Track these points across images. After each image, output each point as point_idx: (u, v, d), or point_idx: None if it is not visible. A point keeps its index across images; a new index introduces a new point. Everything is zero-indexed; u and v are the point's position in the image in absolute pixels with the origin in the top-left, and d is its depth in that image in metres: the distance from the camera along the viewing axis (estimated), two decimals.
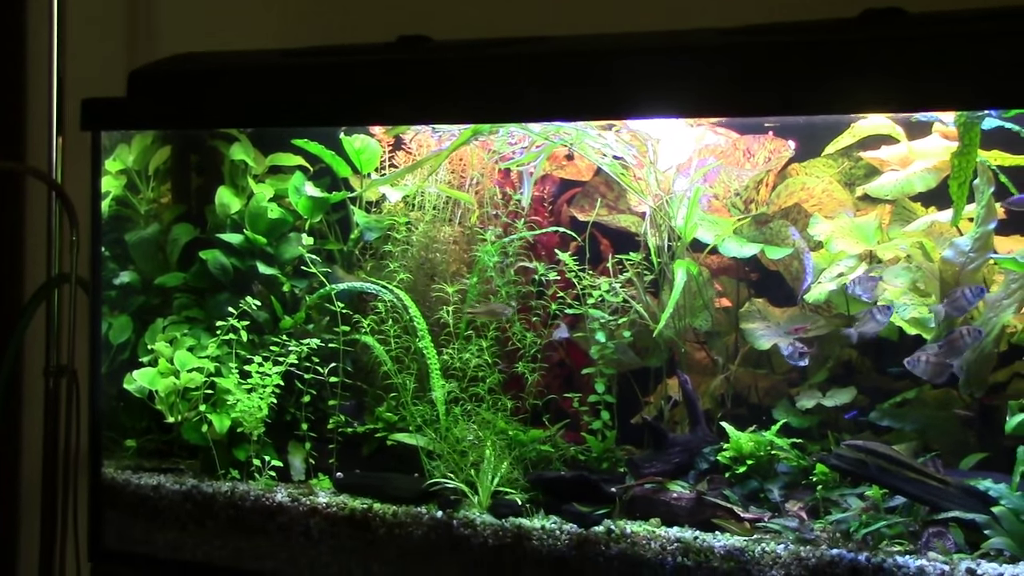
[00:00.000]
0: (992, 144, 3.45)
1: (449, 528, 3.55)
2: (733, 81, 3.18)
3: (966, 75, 2.94)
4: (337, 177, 4.17)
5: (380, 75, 3.61)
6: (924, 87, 2.99)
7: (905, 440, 3.57)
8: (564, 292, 3.88)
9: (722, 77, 3.20)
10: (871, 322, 3.50)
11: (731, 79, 3.18)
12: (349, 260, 4.18)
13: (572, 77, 3.36)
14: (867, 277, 3.56)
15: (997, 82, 2.90)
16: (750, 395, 3.90)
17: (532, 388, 3.87)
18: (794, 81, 3.11)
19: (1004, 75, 2.89)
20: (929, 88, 2.99)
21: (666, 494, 3.55)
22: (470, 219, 4.08)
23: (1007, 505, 3.17)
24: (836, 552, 3.19)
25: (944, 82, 2.96)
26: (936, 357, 3.41)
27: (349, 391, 4.00)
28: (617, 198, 4.03)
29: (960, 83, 2.95)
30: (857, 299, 3.61)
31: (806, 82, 3.10)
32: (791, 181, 3.88)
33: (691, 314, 3.90)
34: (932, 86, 2.98)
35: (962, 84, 2.94)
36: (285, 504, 3.74)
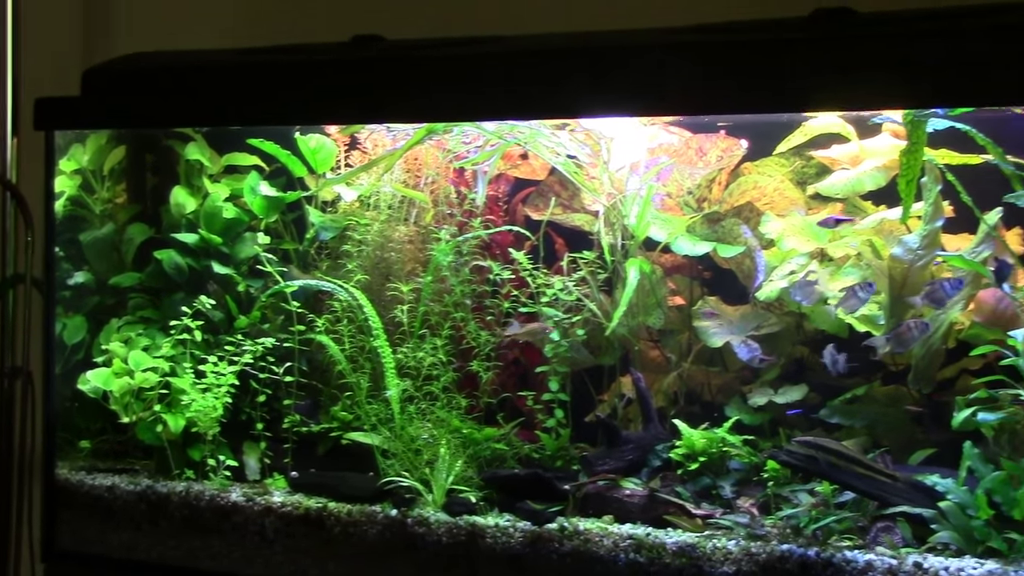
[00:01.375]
0: (942, 143, 3.49)
1: (403, 527, 3.56)
2: (685, 80, 3.20)
3: (914, 74, 2.96)
4: (292, 177, 4.17)
5: (335, 74, 3.61)
6: (873, 86, 3.01)
7: (855, 436, 3.60)
8: (518, 291, 3.88)
9: (674, 76, 3.21)
10: (853, 299, 3.50)
11: (683, 78, 3.20)
12: (304, 260, 4.18)
13: (525, 76, 3.37)
14: (805, 282, 3.59)
15: (944, 81, 2.93)
16: (703, 392, 3.92)
17: (486, 386, 3.88)
18: (745, 79, 3.13)
19: (950, 74, 2.91)
20: (877, 87, 3.01)
21: (619, 491, 3.57)
22: (425, 218, 4.09)
23: (954, 500, 3.21)
24: (786, 547, 3.21)
25: (892, 81, 2.99)
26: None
27: (304, 390, 4.00)
28: (571, 197, 4.05)
29: (907, 82, 2.97)
30: (798, 304, 3.65)
31: (757, 80, 3.12)
32: (743, 180, 3.90)
33: (644, 312, 3.92)
34: (880, 85, 3.00)
35: (909, 83, 2.97)
36: (240, 504, 3.73)
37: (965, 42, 2.92)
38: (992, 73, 2.87)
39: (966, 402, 3.32)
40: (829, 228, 3.68)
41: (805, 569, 3.16)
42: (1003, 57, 2.86)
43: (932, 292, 3.43)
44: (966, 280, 3.45)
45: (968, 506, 3.18)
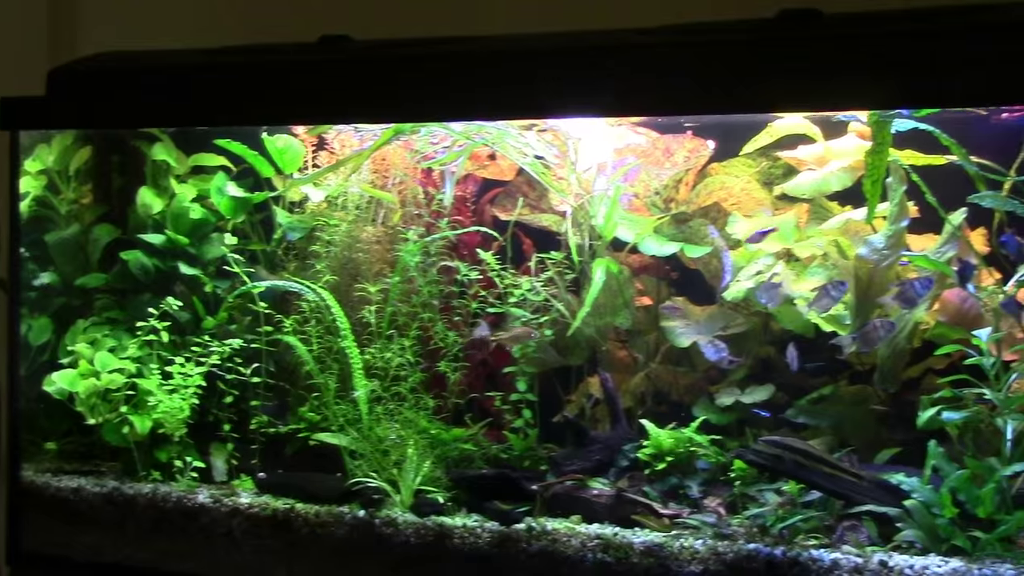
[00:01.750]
0: (907, 144, 3.51)
1: (371, 527, 3.56)
2: (652, 80, 3.20)
3: (879, 75, 2.97)
4: (260, 177, 4.16)
5: (302, 74, 3.60)
6: (838, 87, 3.02)
7: (821, 436, 3.62)
8: (486, 291, 3.88)
9: (641, 77, 3.22)
10: (825, 298, 3.52)
11: (650, 78, 3.20)
12: (272, 260, 4.17)
13: (493, 76, 3.37)
14: (770, 284, 3.61)
15: (909, 82, 2.94)
16: (670, 392, 3.93)
17: (454, 387, 3.88)
18: (712, 80, 3.14)
19: (916, 75, 2.93)
20: (843, 88, 3.02)
21: (587, 491, 3.57)
22: (393, 219, 4.09)
23: (919, 498, 3.23)
24: (753, 547, 3.22)
25: (858, 82, 3.00)
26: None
27: (272, 391, 3.99)
28: (539, 197, 4.05)
29: (873, 83, 2.98)
30: (764, 306, 3.66)
31: (724, 81, 3.13)
32: (710, 180, 3.92)
33: (612, 312, 3.92)
34: (846, 86, 3.02)
35: (874, 84, 2.98)
36: (207, 505, 3.72)
37: (931, 44, 2.93)
38: (957, 75, 2.88)
39: (931, 401, 3.34)
40: (755, 244, 3.72)
41: (772, 568, 3.17)
42: (968, 59, 2.88)
43: (903, 292, 3.45)
44: (936, 279, 3.47)
45: (933, 504, 3.20)
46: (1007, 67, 2.83)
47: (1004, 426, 3.23)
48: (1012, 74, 2.83)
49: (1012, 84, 2.85)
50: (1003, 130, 3.52)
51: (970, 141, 3.39)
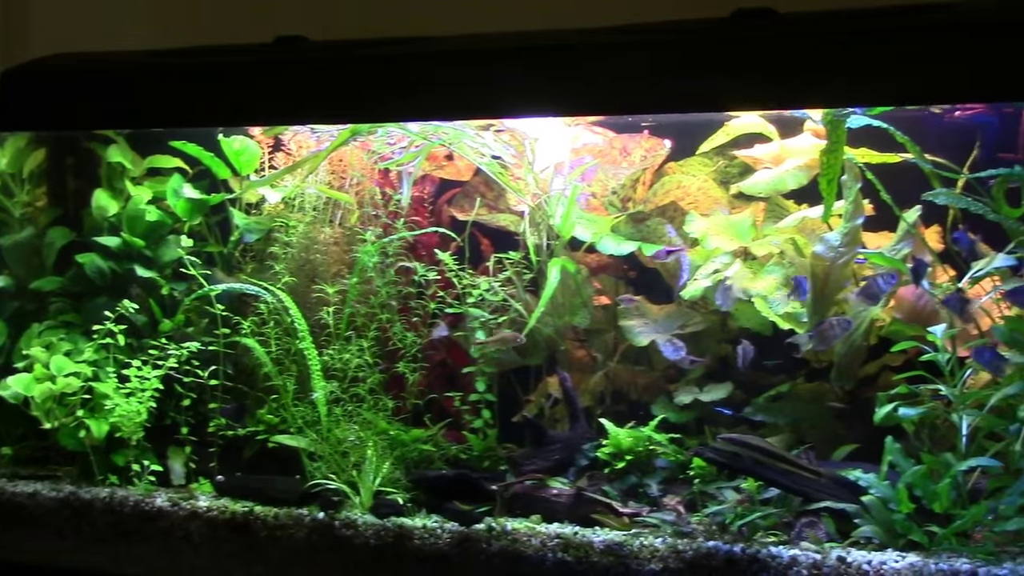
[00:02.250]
0: (862, 142, 3.53)
1: (331, 529, 3.54)
2: (608, 80, 3.21)
3: (833, 74, 2.99)
4: (216, 179, 4.14)
5: (258, 75, 3.58)
6: (793, 85, 3.04)
7: (779, 433, 3.64)
8: (444, 291, 3.88)
9: (597, 76, 3.22)
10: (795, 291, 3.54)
11: (606, 78, 3.21)
12: (229, 262, 4.15)
13: (449, 77, 3.37)
14: (724, 287, 3.63)
15: (863, 80, 2.96)
16: (629, 392, 3.94)
17: (413, 388, 3.88)
18: (667, 80, 3.15)
19: (869, 74, 2.95)
20: (798, 86, 3.04)
21: (546, 491, 3.58)
22: (350, 220, 4.08)
23: (876, 494, 3.25)
24: (712, 544, 3.23)
25: (812, 80, 3.02)
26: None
27: (230, 394, 3.97)
28: (497, 197, 4.05)
29: (827, 81, 3.00)
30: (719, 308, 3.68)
31: (679, 80, 3.14)
32: (667, 179, 3.93)
33: (570, 312, 3.93)
34: (801, 84, 3.03)
35: (829, 82, 3.00)
36: (165, 509, 3.70)
37: (884, 42, 2.95)
38: (910, 73, 2.90)
39: (887, 398, 3.36)
40: (661, 260, 3.75)
41: (731, 565, 3.18)
42: (920, 57, 2.90)
43: (867, 288, 3.46)
44: (899, 276, 3.49)
45: (890, 500, 3.23)
46: (960, 65, 2.85)
47: (960, 422, 3.25)
48: (965, 72, 2.85)
49: (965, 82, 2.88)
50: (956, 128, 3.55)
51: (924, 139, 3.41)
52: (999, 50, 2.81)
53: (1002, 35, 2.83)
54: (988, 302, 3.43)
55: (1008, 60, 2.80)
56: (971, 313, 3.35)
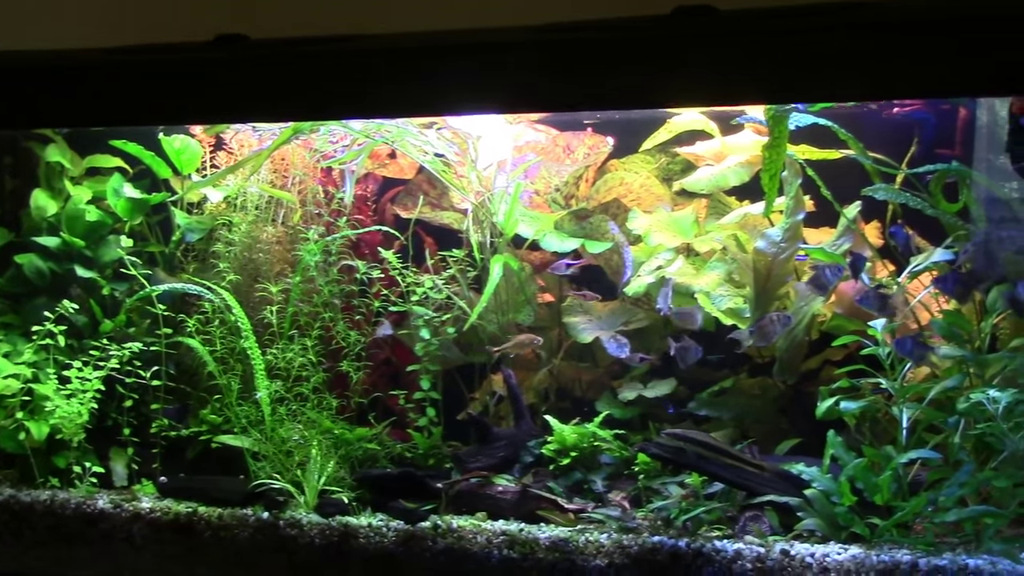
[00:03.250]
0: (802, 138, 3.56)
1: (275, 529, 3.53)
2: (549, 77, 3.21)
3: (772, 70, 3.00)
4: (157, 178, 4.11)
5: (198, 74, 3.55)
6: (734, 82, 3.05)
7: (723, 428, 3.66)
8: (388, 290, 3.87)
9: (538, 73, 3.22)
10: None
11: (547, 75, 3.21)
12: (171, 262, 4.12)
13: (391, 74, 3.35)
14: (664, 291, 3.65)
15: (803, 77, 2.98)
16: (574, 388, 3.95)
17: (357, 386, 3.87)
18: (609, 77, 3.15)
19: (809, 70, 2.96)
20: (738, 83, 3.05)
21: (491, 488, 3.58)
22: (293, 218, 4.06)
23: (818, 487, 3.27)
24: (657, 539, 3.25)
25: (752, 77, 3.03)
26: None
27: (173, 394, 3.95)
28: (440, 195, 4.05)
29: (767, 78, 3.01)
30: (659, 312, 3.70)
31: (621, 78, 3.14)
32: (610, 176, 3.94)
33: (514, 309, 3.93)
34: (741, 81, 3.04)
35: (769, 79, 3.01)
36: (107, 511, 3.66)
37: (824, 39, 2.97)
38: (849, 69, 2.92)
39: (829, 392, 3.39)
40: (560, 273, 3.77)
41: (676, 560, 3.20)
42: (860, 53, 2.92)
43: (815, 278, 3.47)
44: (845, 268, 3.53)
45: (832, 493, 3.25)
46: (899, 63, 2.87)
47: (900, 415, 3.28)
48: (903, 69, 2.87)
49: (903, 79, 2.90)
50: (895, 124, 3.59)
51: (862, 135, 3.45)
52: (936, 47, 2.83)
53: (939, 32, 2.86)
54: (928, 296, 3.47)
55: (945, 57, 2.82)
56: (892, 308, 3.39)
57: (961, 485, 3.12)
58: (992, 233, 3.37)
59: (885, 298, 3.36)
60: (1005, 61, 2.72)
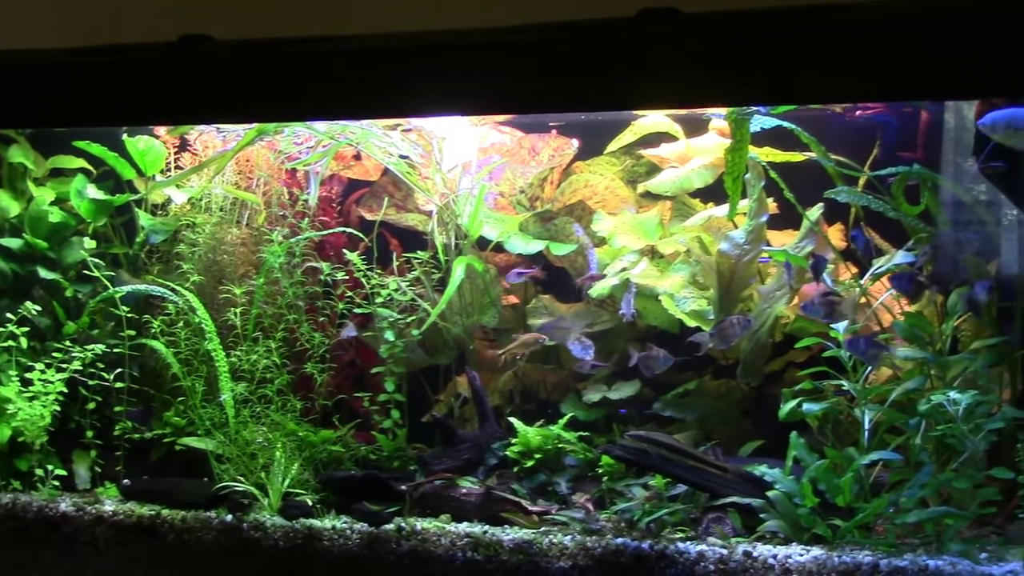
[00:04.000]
0: (766, 141, 3.58)
1: (239, 531, 3.52)
2: (513, 79, 3.21)
3: (735, 73, 3.01)
4: (121, 179, 4.09)
5: (162, 74, 3.54)
6: (696, 84, 3.05)
7: (687, 430, 3.67)
8: (353, 292, 3.87)
9: (503, 75, 3.22)
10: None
11: (512, 77, 3.21)
12: (135, 263, 4.11)
13: (355, 76, 3.35)
14: (627, 296, 3.65)
15: (766, 80, 2.99)
16: (538, 390, 3.96)
17: (322, 388, 3.86)
18: (574, 78, 3.15)
19: (772, 73, 2.97)
20: (702, 85, 3.06)
21: (456, 490, 3.58)
22: (257, 220, 4.05)
23: (781, 489, 3.28)
24: (621, 541, 3.25)
25: (716, 80, 3.04)
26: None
27: (136, 396, 3.93)
28: (405, 197, 4.05)
29: (730, 81, 3.02)
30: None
31: (586, 79, 3.14)
32: (575, 178, 3.95)
33: (479, 311, 3.93)
34: (705, 83, 3.05)
35: (732, 82, 3.02)
36: (70, 514, 3.64)
37: (787, 42, 2.98)
38: (812, 72, 2.93)
39: (792, 394, 3.40)
40: (514, 281, 3.78)
41: (639, 562, 3.21)
42: (822, 56, 2.93)
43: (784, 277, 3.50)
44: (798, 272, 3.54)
45: (795, 495, 3.26)
46: (862, 65, 2.88)
47: (862, 416, 3.30)
48: (866, 72, 2.89)
49: (866, 82, 2.91)
50: (857, 127, 3.61)
51: (825, 138, 3.46)
52: (898, 50, 2.85)
53: (906, 35, 2.87)
54: (890, 299, 3.49)
55: (907, 60, 2.83)
56: (840, 314, 3.41)
57: (922, 486, 3.14)
58: (952, 235, 3.40)
59: (833, 304, 3.38)
60: (966, 64, 2.74)
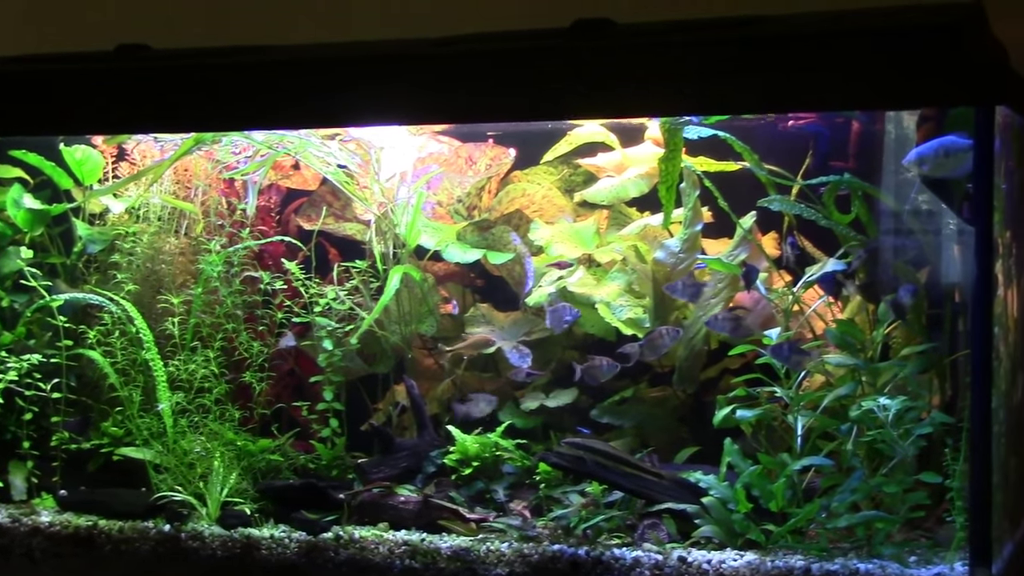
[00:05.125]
0: (700, 150, 3.61)
1: (177, 541, 3.51)
2: (450, 89, 3.22)
3: (669, 83, 3.04)
4: (58, 189, 4.07)
5: (98, 84, 3.53)
6: (629, 95, 3.08)
7: (624, 437, 3.70)
8: (291, 301, 3.87)
9: (439, 85, 3.24)
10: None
11: (448, 87, 3.22)
12: (72, 273, 4.09)
13: (292, 86, 3.35)
14: (552, 311, 3.68)
15: (698, 90, 3.02)
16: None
17: (260, 398, 3.86)
18: (510, 89, 3.17)
19: (705, 83, 3.00)
20: (635, 96, 3.08)
21: (394, 498, 3.59)
22: (196, 229, 4.04)
23: (715, 495, 3.32)
24: (557, 548, 3.28)
25: (649, 90, 3.06)
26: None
27: (74, 407, 3.91)
28: (343, 207, 4.05)
29: (663, 91, 3.05)
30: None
31: (522, 90, 3.16)
32: (512, 188, 3.97)
33: (417, 320, 3.95)
34: (638, 94, 3.08)
35: (665, 92, 3.05)
36: (5, 525, 3.62)
37: (719, 52, 3.01)
38: (744, 82, 2.96)
39: (726, 400, 3.43)
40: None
41: (576, 568, 3.23)
42: (754, 67, 2.96)
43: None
44: (729, 281, 3.58)
45: (729, 500, 3.30)
46: (794, 75, 2.92)
47: (795, 422, 3.34)
48: (798, 82, 2.92)
49: (798, 92, 2.94)
50: (790, 137, 3.65)
51: (758, 147, 3.50)
52: (830, 61, 2.89)
53: (833, 47, 2.91)
54: (822, 307, 3.54)
55: (838, 71, 2.87)
56: (747, 329, 3.46)
57: (853, 491, 3.18)
58: (882, 243, 3.45)
59: (738, 320, 3.47)
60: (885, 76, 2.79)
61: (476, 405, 3.76)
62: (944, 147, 3.09)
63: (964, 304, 3.35)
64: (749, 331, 3.46)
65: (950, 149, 3.07)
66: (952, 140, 3.07)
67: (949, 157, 3.08)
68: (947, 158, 3.09)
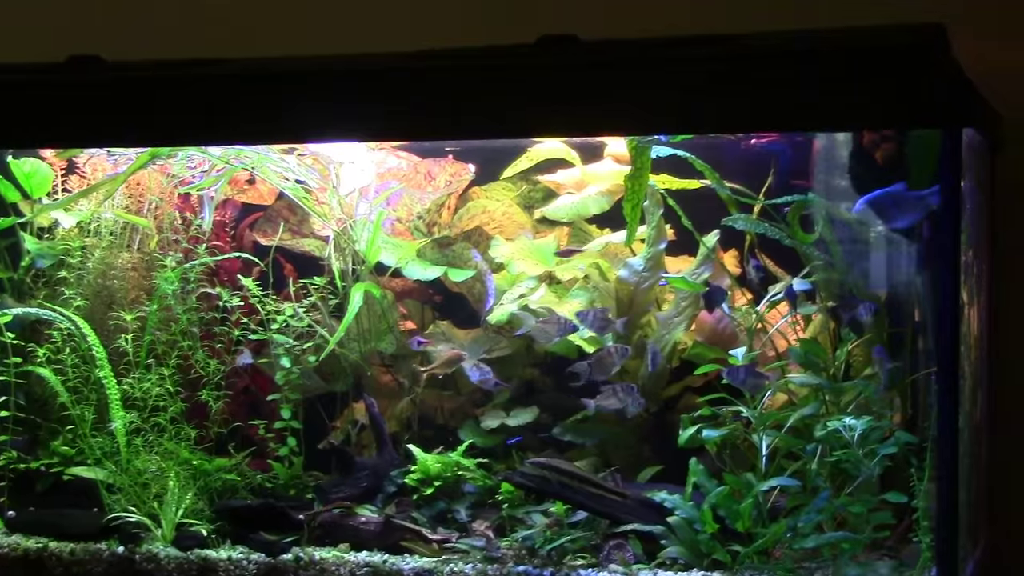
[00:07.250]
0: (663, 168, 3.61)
1: (131, 563, 3.46)
2: (411, 105, 3.19)
3: (633, 101, 3.03)
4: (5, 202, 3.99)
5: (49, 95, 3.46)
6: (593, 112, 3.06)
7: (587, 456, 3.68)
8: (248, 318, 3.82)
9: (401, 101, 3.20)
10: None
11: (409, 103, 3.19)
12: (20, 288, 4.01)
13: (251, 100, 3.30)
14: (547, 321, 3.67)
15: (663, 108, 3.01)
16: (437, 416, 3.94)
17: (217, 416, 3.80)
18: (472, 105, 3.15)
19: (669, 101, 3.00)
20: (600, 113, 3.07)
21: (354, 519, 3.55)
22: (149, 244, 3.98)
23: (681, 515, 3.31)
24: (522, 568, 3.26)
25: (614, 108, 3.05)
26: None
27: (22, 425, 3.83)
28: (301, 222, 4.01)
29: (629, 109, 3.04)
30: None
31: (484, 106, 3.14)
32: (472, 204, 3.95)
33: (376, 337, 3.91)
34: (603, 111, 3.06)
35: (631, 110, 3.04)
36: None
37: (685, 70, 3.00)
38: (710, 102, 2.96)
39: (691, 419, 3.43)
40: (416, 349, 3.83)
41: None
42: (719, 86, 2.96)
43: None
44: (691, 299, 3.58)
45: (695, 521, 3.29)
46: (759, 94, 2.92)
47: (759, 442, 3.33)
48: (763, 101, 2.92)
49: (762, 111, 2.94)
50: (753, 155, 3.65)
51: (721, 166, 3.50)
52: (793, 80, 2.89)
53: (795, 66, 2.91)
54: (785, 326, 3.54)
55: (799, 91, 2.87)
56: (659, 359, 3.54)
57: (818, 511, 3.18)
58: (844, 262, 3.47)
59: (607, 322, 3.49)
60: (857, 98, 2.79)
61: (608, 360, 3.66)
62: (892, 197, 3.09)
63: (925, 323, 3.37)
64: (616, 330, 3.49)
65: (899, 200, 3.08)
66: (899, 190, 3.08)
67: (899, 208, 3.10)
68: (896, 208, 3.10)
